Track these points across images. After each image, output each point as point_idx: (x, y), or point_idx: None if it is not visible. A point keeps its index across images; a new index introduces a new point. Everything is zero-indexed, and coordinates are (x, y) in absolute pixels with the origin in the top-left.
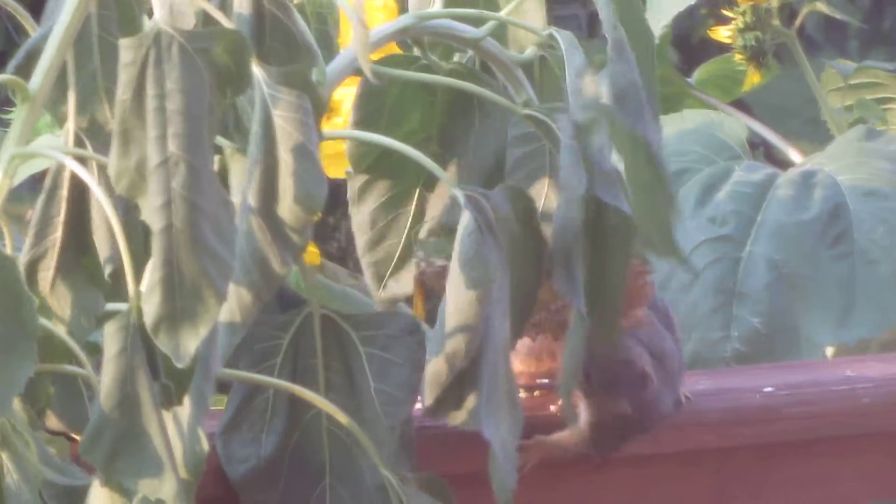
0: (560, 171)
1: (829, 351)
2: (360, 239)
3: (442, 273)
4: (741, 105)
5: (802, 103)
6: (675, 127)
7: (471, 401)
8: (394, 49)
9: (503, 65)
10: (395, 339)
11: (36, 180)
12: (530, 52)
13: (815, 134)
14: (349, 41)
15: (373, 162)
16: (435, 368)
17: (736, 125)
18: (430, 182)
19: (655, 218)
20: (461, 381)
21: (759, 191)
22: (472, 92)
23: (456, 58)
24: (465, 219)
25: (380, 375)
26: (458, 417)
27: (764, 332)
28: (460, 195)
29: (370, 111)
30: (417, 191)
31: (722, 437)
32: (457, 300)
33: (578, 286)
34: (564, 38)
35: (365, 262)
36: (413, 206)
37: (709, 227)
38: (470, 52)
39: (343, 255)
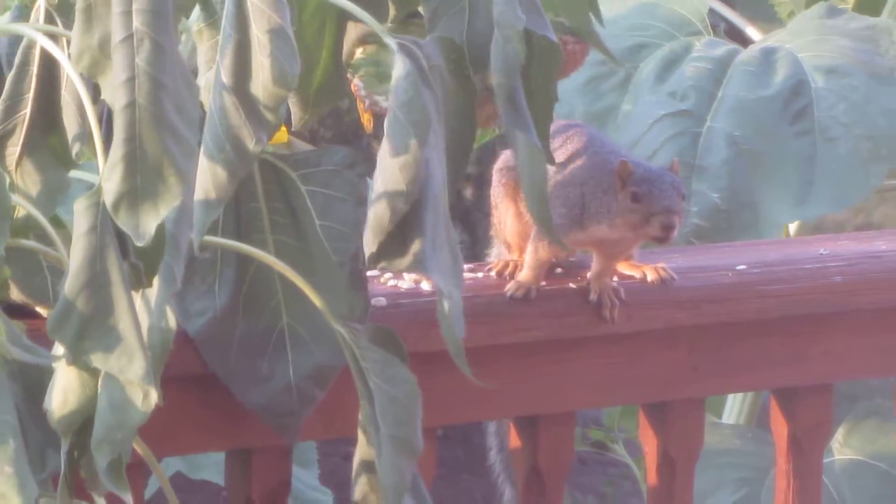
0: (494, 7)
1: (793, 228)
2: None
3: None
4: None
5: None
6: (637, 1)
7: (415, 245)
8: None
9: None
10: (335, 173)
11: None
12: None
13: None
14: None
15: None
16: (377, 214)
17: (697, 1)
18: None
19: (580, 14)
20: (404, 227)
21: (720, 66)
22: None
23: None
24: (401, 63)
25: (324, 212)
26: (402, 263)
27: (723, 208)
28: (393, 43)
29: None
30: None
31: (696, 315)
32: (395, 142)
33: (527, 119)
34: None
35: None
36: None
37: (669, 102)
38: None
39: (314, 137)
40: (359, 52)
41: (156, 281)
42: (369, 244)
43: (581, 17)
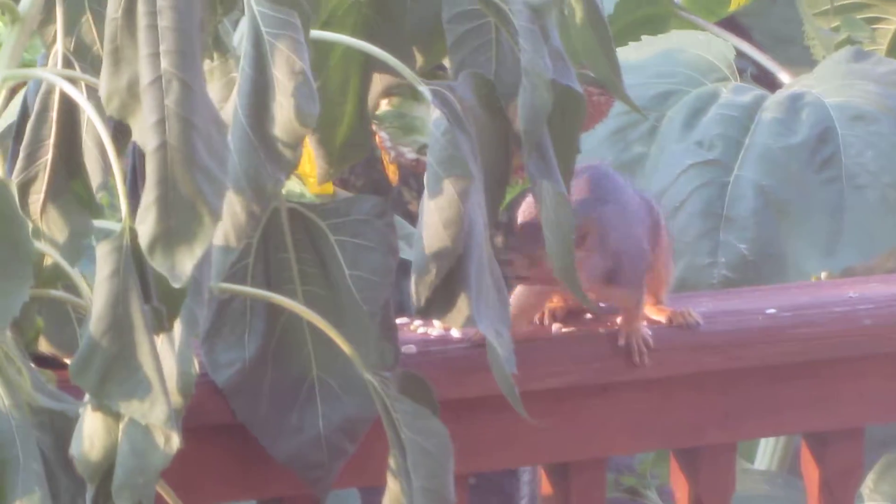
0: (522, 55)
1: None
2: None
3: (417, 165)
4: (740, 30)
5: (802, 30)
6: (662, 47)
7: (462, 301)
8: None
9: None
10: (364, 223)
11: None
12: None
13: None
14: None
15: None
16: (423, 269)
17: (723, 46)
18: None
19: (605, 68)
20: (450, 281)
21: (747, 114)
22: None
23: None
24: (436, 116)
25: (353, 262)
26: (451, 319)
27: (751, 259)
28: (427, 91)
29: None
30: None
31: (726, 360)
32: (437, 199)
33: (553, 167)
34: None
35: (314, 143)
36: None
37: (696, 151)
38: None
39: (345, 185)
40: (384, 104)
41: (179, 325)
42: (417, 299)
43: (606, 69)
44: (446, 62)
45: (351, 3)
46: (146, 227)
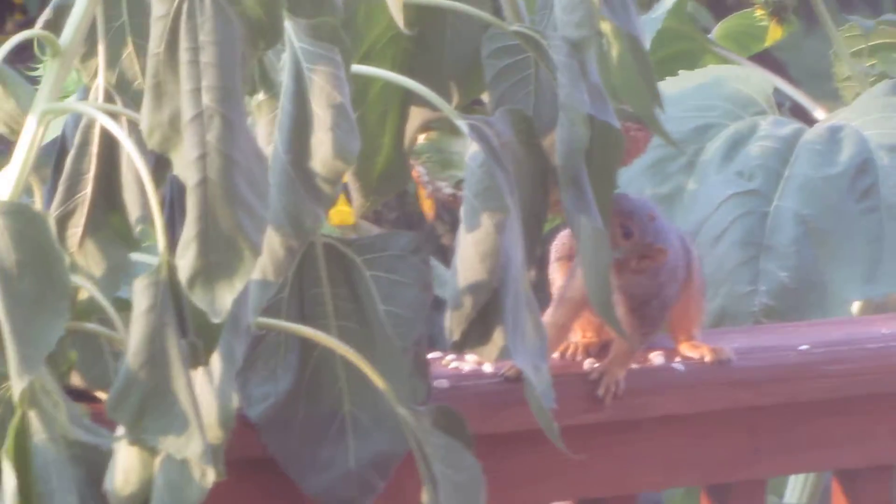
0: (559, 90)
1: (856, 307)
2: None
3: (454, 200)
4: (775, 64)
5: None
6: (700, 81)
7: (498, 334)
8: None
9: None
10: (399, 258)
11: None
12: None
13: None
14: None
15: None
16: (459, 303)
17: (762, 80)
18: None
19: (642, 102)
20: (485, 315)
21: (786, 145)
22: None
23: None
24: (473, 149)
25: (388, 297)
26: (486, 353)
27: (792, 287)
28: (464, 125)
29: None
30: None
31: (757, 396)
32: (473, 232)
33: (591, 204)
34: None
35: (350, 176)
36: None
37: (736, 182)
38: None
39: (378, 219)
40: (421, 139)
41: (218, 360)
42: (452, 333)
43: (644, 104)
44: (485, 97)
45: (391, 37)
46: (186, 261)
